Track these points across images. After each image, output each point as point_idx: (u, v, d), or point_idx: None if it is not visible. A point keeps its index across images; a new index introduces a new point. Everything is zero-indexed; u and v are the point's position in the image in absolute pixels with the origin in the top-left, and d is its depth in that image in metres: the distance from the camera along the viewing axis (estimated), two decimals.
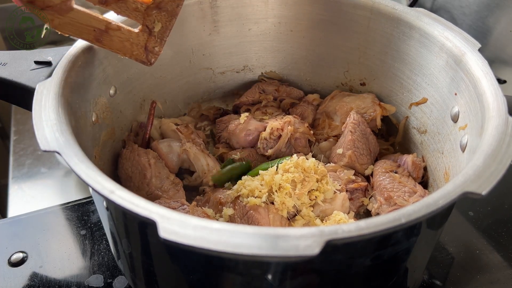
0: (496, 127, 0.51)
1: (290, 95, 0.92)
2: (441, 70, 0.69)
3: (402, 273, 0.55)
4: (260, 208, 0.65)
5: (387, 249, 0.47)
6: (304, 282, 0.48)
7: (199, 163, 0.77)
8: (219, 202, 0.70)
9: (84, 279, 0.71)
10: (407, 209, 0.42)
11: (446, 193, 0.44)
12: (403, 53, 0.76)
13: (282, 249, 0.37)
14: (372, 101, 0.84)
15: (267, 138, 0.80)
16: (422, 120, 0.77)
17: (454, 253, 0.75)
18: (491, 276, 0.72)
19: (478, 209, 0.83)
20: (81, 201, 0.85)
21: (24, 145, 1.03)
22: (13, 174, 0.96)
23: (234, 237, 0.38)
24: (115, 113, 0.74)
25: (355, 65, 0.86)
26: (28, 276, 0.71)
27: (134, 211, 0.41)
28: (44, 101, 0.54)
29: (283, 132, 0.80)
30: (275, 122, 0.80)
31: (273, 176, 0.69)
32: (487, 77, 0.59)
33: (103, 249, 0.75)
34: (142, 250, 0.54)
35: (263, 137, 0.80)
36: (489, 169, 0.46)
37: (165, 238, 0.38)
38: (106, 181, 0.45)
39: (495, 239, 0.77)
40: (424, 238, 0.53)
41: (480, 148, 0.50)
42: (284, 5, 0.85)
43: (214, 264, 0.47)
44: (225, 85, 0.95)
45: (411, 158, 0.75)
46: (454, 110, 0.66)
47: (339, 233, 0.39)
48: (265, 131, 0.80)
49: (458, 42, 0.65)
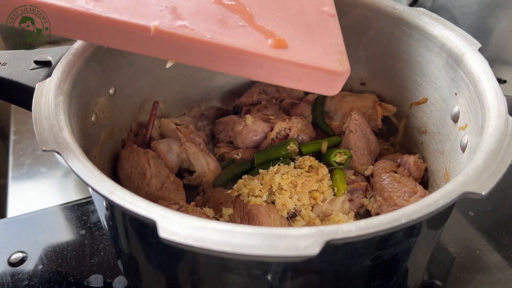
0: (496, 127, 0.51)
1: (290, 95, 0.92)
2: (441, 70, 0.69)
3: (402, 273, 0.55)
4: (261, 207, 0.65)
5: (387, 249, 0.47)
6: (304, 282, 0.48)
7: (198, 162, 0.76)
8: (219, 202, 0.70)
9: (84, 279, 0.71)
10: (407, 209, 0.42)
11: (446, 193, 0.44)
12: (403, 53, 0.76)
13: (282, 249, 0.37)
14: (373, 101, 0.84)
15: (274, 138, 0.80)
16: (422, 120, 0.77)
17: (455, 253, 0.75)
18: (491, 276, 0.71)
19: (479, 209, 0.83)
20: (80, 201, 0.85)
21: (23, 145, 1.03)
22: (12, 174, 0.96)
23: (234, 237, 0.38)
24: (115, 113, 0.74)
25: (355, 65, 0.86)
26: (28, 276, 0.71)
27: (134, 211, 0.41)
28: (43, 101, 0.54)
29: (290, 132, 0.80)
30: (282, 122, 0.81)
31: (273, 175, 0.69)
32: (488, 77, 0.59)
33: (102, 249, 0.75)
34: (142, 250, 0.54)
35: (271, 137, 0.80)
36: (489, 169, 0.46)
37: (165, 238, 0.38)
38: (106, 181, 0.45)
39: (496, 239, 0.77)
40: (424, 238, 0.53)
41: (480, 148, 0.50)
42: None
43: (214, 264, 0.47)
44: (225, 85, 0.94)
45: (413, 158, 0.75)
46: (454, 110, 0.66)
47: (339, 233, 0.39)
48: (271, 131, 0.80)
49: (459, 42, 0.65)
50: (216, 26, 0.54)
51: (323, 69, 0.55)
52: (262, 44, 0.54)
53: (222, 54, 0.52)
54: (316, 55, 0.56)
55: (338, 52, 0.58)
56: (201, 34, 0.52)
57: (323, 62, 0.55)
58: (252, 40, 0.54)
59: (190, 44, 0.51)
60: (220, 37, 0.52)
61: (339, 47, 0.59)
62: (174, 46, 0.52)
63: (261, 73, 0.55)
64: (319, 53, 0.56)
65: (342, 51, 0.59)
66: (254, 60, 0.53)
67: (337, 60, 0.56)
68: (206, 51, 0.52)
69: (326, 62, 0.55)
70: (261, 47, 0.53)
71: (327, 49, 0.57)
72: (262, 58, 0.53)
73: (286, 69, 0.54)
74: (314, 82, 0.56)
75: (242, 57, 0.53)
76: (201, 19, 0.54)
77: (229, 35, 0.53)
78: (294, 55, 0.54)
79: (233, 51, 0.52)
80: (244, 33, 0.55)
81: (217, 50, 0.52)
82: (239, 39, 0.53)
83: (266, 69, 0.54)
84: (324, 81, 0.56)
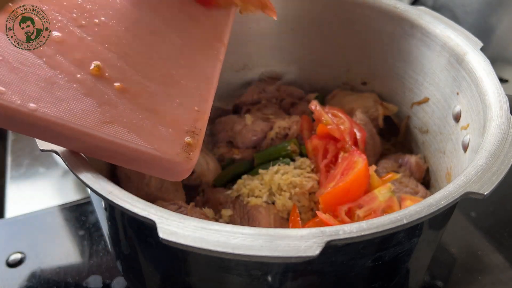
0: (498, 127, 0.51)
1: (290, 94, 0.92)
2: (443, 69, 0.69)
3: (403, 274, 0.55)
4: (261, 208, 0.65)
5: (388, 250, 0.47)
6: (305, 284, 0.47)
7: (198, 162, 0.76)
8: (219, 202, 0.69)
9: (82, 280, 0.70)
10: (409, 210, 0.42)
11: (448, 193, 0.44)
12: (405, 52, 0.76)
13: (282, 250, 0.37)
14: (374, 100, 0.84)
15: (274, 138, 0.80)
16: (423, 119, 0.76)
17: (456, 254, 0.75)
18: (493, 277, 0.71)
19: (480, 209, 0.83)
20: (79, 201, 0.85)
21: (22, 145, 1.02)
22: (11, 174, 0.96)
23: (234, 238, 0.38)
24: None
25: (356, 64, 0.86)
26: (26, 277, 0.71)
27: (133, 211, 0.41)
28: None
29: (290, 131, 0.79)
30: (282, 121, 0.80)
31: (272, 176, 0.69)
32: (489, 76, 0.58)
33: (101, 250, 0.75)
34: (141, 251, 0.54)
35: (270, 137, 0.80)
36: (491, 169, 0.46)
37: (164, 239, 0.38)
38: (105, 181, 0.45)
39: (497, 240, 0.77)
40: (426, 239, 0.52)
41: (482, 148, 0.49)
42: (285, 3, 0.84)
43: (214, 265, 0.47)
44: (224, 84, 0.94)
45: (415, 158, 0.75)
46: (456, 109, 0.66)
47: (340, 234, 0.38)
48: (271, 130, 0.80)
49: (460, 41, 0.65)
50: (37, 87, 0.44)
51: (159, 158, 0.46)
52: (87, 116, 0.45)
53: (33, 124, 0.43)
54: (156, 137, 0.47)
55: (192, 132, 0.49)
56: (8, 99, 0.42)
57: (161, 148, 0.46)
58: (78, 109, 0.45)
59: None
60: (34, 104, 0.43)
61: (197, 124, 0.50)
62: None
63: (85, 149, 0.47)
64: (163, 135, 0.47)
65: (199, 129, 0.50)
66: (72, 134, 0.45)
67: (184, 146, 0.48)
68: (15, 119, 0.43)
69: (165, 149, 0.47)
70: (84, 120, 0.44)
71: (177, 129, 0.48)
72: (81, 134, 0.45)
73: (113, 149, 0.46)
74: (150, 168, 0.48)
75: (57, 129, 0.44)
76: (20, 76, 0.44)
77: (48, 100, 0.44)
78: (124, 134, 0.45)
79: (43, 121, 0.43)
80: (71, 99, 0.45)
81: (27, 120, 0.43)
82: (59, 108, 0.44)
83: (89, 147, 0.46)
84: (160, 168, 0.48)
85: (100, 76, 0.47)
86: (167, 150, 0.47)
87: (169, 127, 0.48)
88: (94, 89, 0.47)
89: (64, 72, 0.46)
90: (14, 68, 0.44)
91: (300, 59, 0.91)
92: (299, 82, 0.94)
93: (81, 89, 0.46)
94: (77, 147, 0.47)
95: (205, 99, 0.53)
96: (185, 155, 0.48)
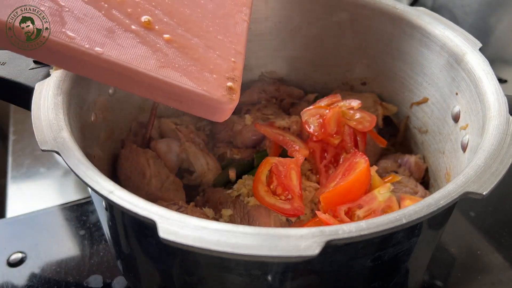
0: (497, 127, 0.51)
1: (290, 95, 0.92)
2: (442, 69, 0.69)
3: (403, 274, 0.55)
4: (261, 208, 0.65)
5: (388, 249, 0.47)
6: (305, 283, 0.47)
7: (198, 162, 0.76)
8: (219, 202, 0.69)
9: (83, 279, 0.71)
10: (408, 209, 0.42)
11: (447, 193, 0.44)
12: (404, 53, 0.76)
13: (282, 249, 0.37)
14: (374, 100, 0.84)
15: None
16: (423, 120, 0.77)
17: (455, 253, 0.75)
18: (492, 277, 0.71)
19: (479, 209, 0.83)
20: (80, 201, 0.85)
21: (23, 145, 1.03)
22: (12, 174, 0.96)
23: (234, 237, 0.38)
24: (114, 113, 0.73)
25: (356, 65, 0.86)
26: (27, 277, 0.71)
27: (134, 211, 0.41)
28: (43, 101, 0.54)
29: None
30: (282, 121, 0.80)
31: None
32: (488, 77, 0.59)
33: (102, 250, 0.75)
34: (141, 251, 0.54)
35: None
36: (490, 169, 0.46)
37: (165, 239, 0.38)
38: (105, 181, 0.45)
39: (497, 240, 0.77)
40: (425, 239, 0.52)
41: (481, 148, 0.50)
42: (284, 4, 0.84)
43: (214, 264, 0.47)
44: None
45: (414, 158, 0.75)
46: (455, 109, 0.66)
47: (339, 233, 0.39)
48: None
49: (459, 42, 0.65)
50: (101, 34, 0.50)
51: (208, 98, 0.52)
52: (146, 61, 0.51)
53: (98, 66, 0.49)
54: (203, 81, 0.53)
55: (232, 78, 0.55)
56: (79, 43, 0.48)
57: (209, 90, 0.52)
58: (136, 54, 0.51)
59: (67, 52, 0.48)
60: (100, 48, 0.49)
61: (235, 72, 0.56)
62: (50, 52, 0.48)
63: (140, 88, 0.51)
64: (208, 79, 0.53)
65: (237, 77, 0.56)
66: (133, 76, 0.50)
67: (227, 89, 0.54)
68: (84, 61, 0.48)
69: (212, 91, 0.53)
70: (144, 64, 0.50)
71: (220, 75, 0.55)
72: (142, 75, 0.50)
73: (168, 90, 0.51)
74: (198, 107, 0.53)
75: (120, 70, 0.49)
76: (86, 25, 0.50)
77: (111, 46, 0.50)
78: (178, 77, 0.51)
79: (108, 64, 0.49)
80: (130, 46, 0.51)
81: (94, 62, 0.49)
82: (121, 52, 0.50)
83: (146, 87, 0.51)
84: (207, 108, 0.53)
85: (151, 28, 0.54)
86: (215, 92, 0.53)
87: (213, 73, 0.54)
88: (147, 38, 0.53)
89: (121, 24, 0.52)
90: (80, 19, 0.50)
91: (299, 60, 0.91)
92: (299, 82, 0.95)
93: (136, 38, 0.52)
94: (135, 88, 0.52)
95: (239, 52, 0.60)
96: (229, 96, 0.54)
